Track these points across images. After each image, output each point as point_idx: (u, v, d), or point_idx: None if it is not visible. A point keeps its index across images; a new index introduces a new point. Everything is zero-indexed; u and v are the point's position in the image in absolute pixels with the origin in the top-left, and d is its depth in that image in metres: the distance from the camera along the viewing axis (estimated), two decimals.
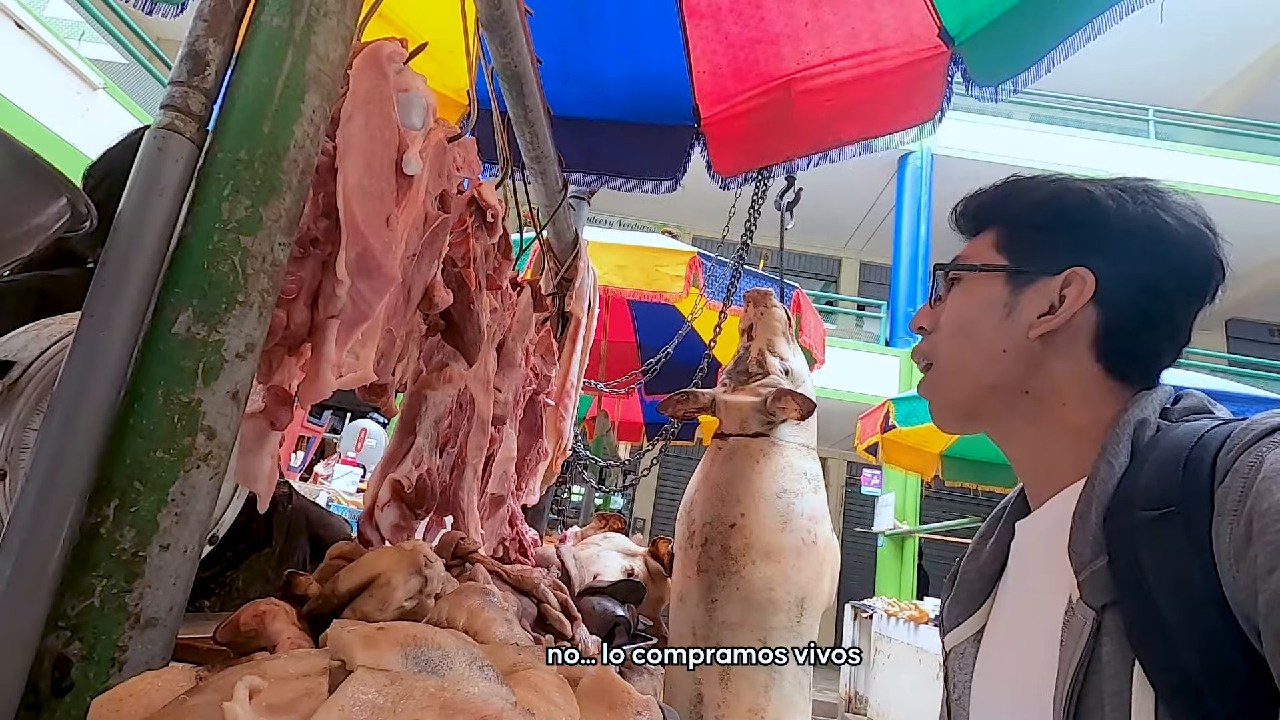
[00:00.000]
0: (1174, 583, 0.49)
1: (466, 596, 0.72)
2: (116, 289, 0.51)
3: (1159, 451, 0.55)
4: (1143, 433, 0.58)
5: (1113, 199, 0.65)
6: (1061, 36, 1.37)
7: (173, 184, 0.54)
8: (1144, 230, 0.63)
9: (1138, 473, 0.55)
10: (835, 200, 11.05)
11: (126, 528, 0.48)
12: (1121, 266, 0.63)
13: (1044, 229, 0.68)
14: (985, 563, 0.72)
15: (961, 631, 0.72)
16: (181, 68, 0.56)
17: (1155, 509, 0.51)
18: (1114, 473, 0.56)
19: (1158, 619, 0.49)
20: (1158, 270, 0.63)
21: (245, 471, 0.68)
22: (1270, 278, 10.78)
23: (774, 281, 2.36)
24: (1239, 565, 0.46)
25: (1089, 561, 0.55)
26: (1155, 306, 0.63)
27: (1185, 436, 0.54)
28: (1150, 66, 10.75)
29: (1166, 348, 0.64)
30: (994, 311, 0.68)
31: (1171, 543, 0.50)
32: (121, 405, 0.50)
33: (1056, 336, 0.64)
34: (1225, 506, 0.48)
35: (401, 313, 0.87)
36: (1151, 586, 0.50)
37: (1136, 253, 0.63)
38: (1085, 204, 0.66)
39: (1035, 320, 0.65)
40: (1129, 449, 0.57)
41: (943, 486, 6.85)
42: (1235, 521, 0.46)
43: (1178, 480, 0.51)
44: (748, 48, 1.80)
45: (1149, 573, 0.50)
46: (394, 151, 0.73)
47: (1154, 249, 0.63)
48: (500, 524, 1.36)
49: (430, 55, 0.91)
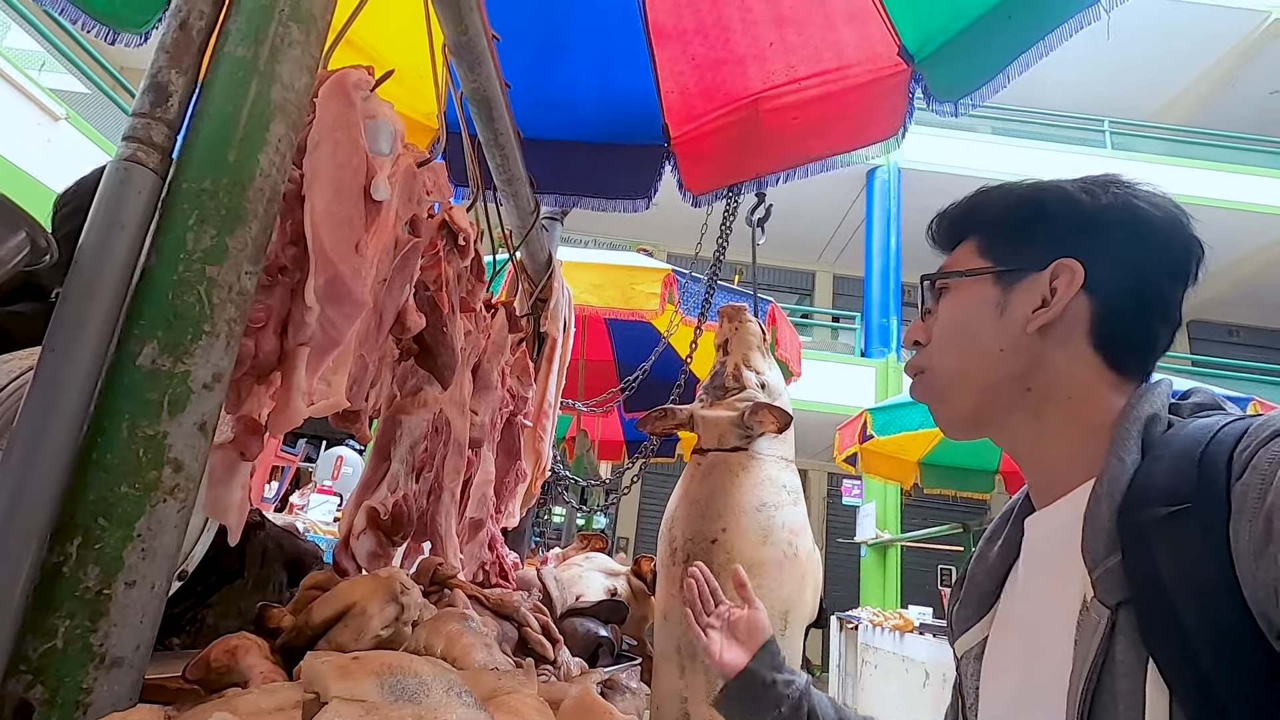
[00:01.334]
0: (1190, 580, 0.48)
1: (444, 622, 0.71)
2: (78, 323, 0.50)
3: (1173, 447, 0.55)
4: (1154, 428, 0.58)
5: (1086, 192, 0.67)
6: (1016, 53, 1.41)
7: (136, 215, 0.53)
8: (1122, 217, 0.65)
9: (1151, 469, 0.55)
10: (807, 215, 11.22)
11: (90, 565, 0.47)
12: (1106, 253, 0.64)
13: (1024, 227, 0.69)
14: (993, 565, 0.71)
15: (972, 636, 0.71)
16: (144, 99, 0.56)
17: (1170, 505, 0.51)
18: (1126, 469, 0.56)
19: (1173, 617, 0.49)
20: (1140, 253, 0.64)
21: (215, 503, 0.67)
22: (1229, 281, 11.14)
23: (748, 296, 2.38)
24: (1259, 563, 0.45)
25: (1103, 559, 0.54)
26: (1143, 290, 0.64)
27: (1200, 432, 0.54)
28: (1105, 79, 11.13)
29: (1161, 333, 0.65)
30: (988, 312, 0.69)
31: (1187, 540, 0.49)
32: (84, 440, 0.49)
33: (1053, 329, 0.65)
34: (1244, 504, 0.47)
35: (374, 338, 0.87)
36: (1166, 584, 0.49)
37: (1118, 239, 0.65)
38: (1060, 199, 0.68)
39: (1030, 315, 0.66)
40: (1140, 444, 0.57)
41: (922, 494, 6.90)
42: (1255, 519, 0.46)
43: (1193, 476, 0.51)
44: (714, 68, 1.84)
45: (1164, 570, 0.50)
46: (362, 178, 0.73)
47: (1134, 233, 0.64)
48: (480, 548, 1.34)
49: (398, 80, 0.91)
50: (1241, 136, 11.05)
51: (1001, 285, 0.68)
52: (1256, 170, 10.28)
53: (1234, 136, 11.03)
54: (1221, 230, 9.89)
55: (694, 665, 1.32)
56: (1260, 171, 10.26)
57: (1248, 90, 11.18)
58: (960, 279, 0.72)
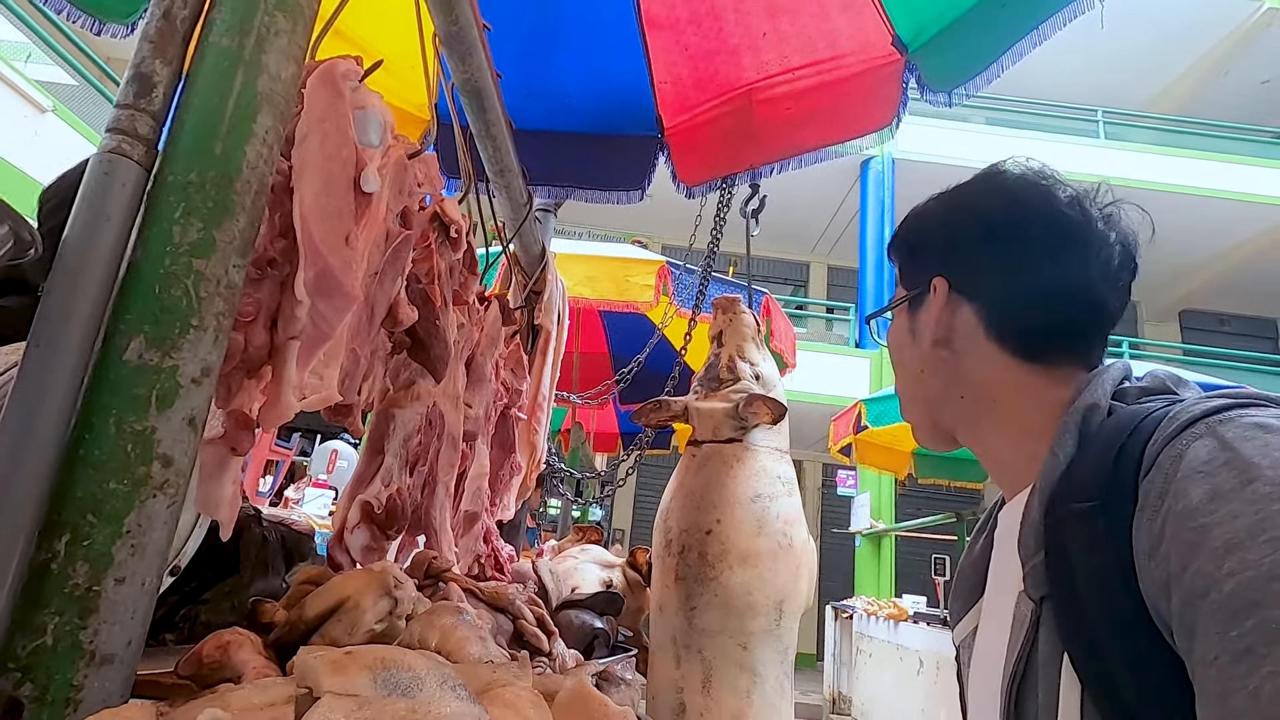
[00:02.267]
0: (1095, 575, 0.50)
1: (439, 616, 0.71)
2: (64, 317, 0.49)
3: (1100, 440, 0.55)
4: (1092, 418, 0.58)
5: (938, 202, 0.72)
6: (1010, 43, 1.41)
7: (121, 208, 0.52)
8: (965, 219, 0.69)
9: (1081, 463, 0.55)
10: (801, 206, 11.21)
11: (79, 562, 0.46)
12: (966, 256, 0.68)
13: (909, 256, 0.75)
14: (978, 557, 0.73)
15: (963, 627, 0.74)
16: (128, 90, 0.55)
17: (1086, 501, 0.52)
18: (1058, 464, 0.57)
19: (1081, 611, 0.50)
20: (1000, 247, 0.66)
21: (206, 499, 0.66)
22: (1219, 269, 11.19)
23: (743, 287, 2.38)
24: (1153, 560, 0.46)
25: (1032, 554, 0.56)
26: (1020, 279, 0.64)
27: (1124, 423, 0.54)
28: (1098, 69, 11.14)
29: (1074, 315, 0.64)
30: (906, 339, 0.74)
31: (1095, 536, 0.50)
32: (72, 436, 0.49)
33: (951, 341, 0.68)
34: (1147, 500, 0.48)
35: (365, 331, 0.86)
36: (1077, 579, 0.51)
37: (970, 238, 0.68)
38: (923, 216, 0.73)
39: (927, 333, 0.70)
40: (1076, 438, 0.57)
41: (916, 484, 6.95)
42: (1154, 518, 0.47)
43: (1108, 472, 0.52)
44: (708, 58, 1.82)
45: (1075, 566, 0.51)
46: (352, 169, 0.72)
47: (986, 231, 0.67)
48: (475, 541, 1.34)
49: (388, 71, 0.90)
50: (1233, 126, 11.08)
51: (910, 312, 0.73)
52: (1248, 159, 10.31)
53: (1226, 126, 11.06)
54: (1213, 219, 9.93)
55: (690, 655, 1.32)
56: (1252, 160, 10.29)
57: (1240, 80, 11.21)
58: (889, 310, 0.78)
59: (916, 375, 0.73)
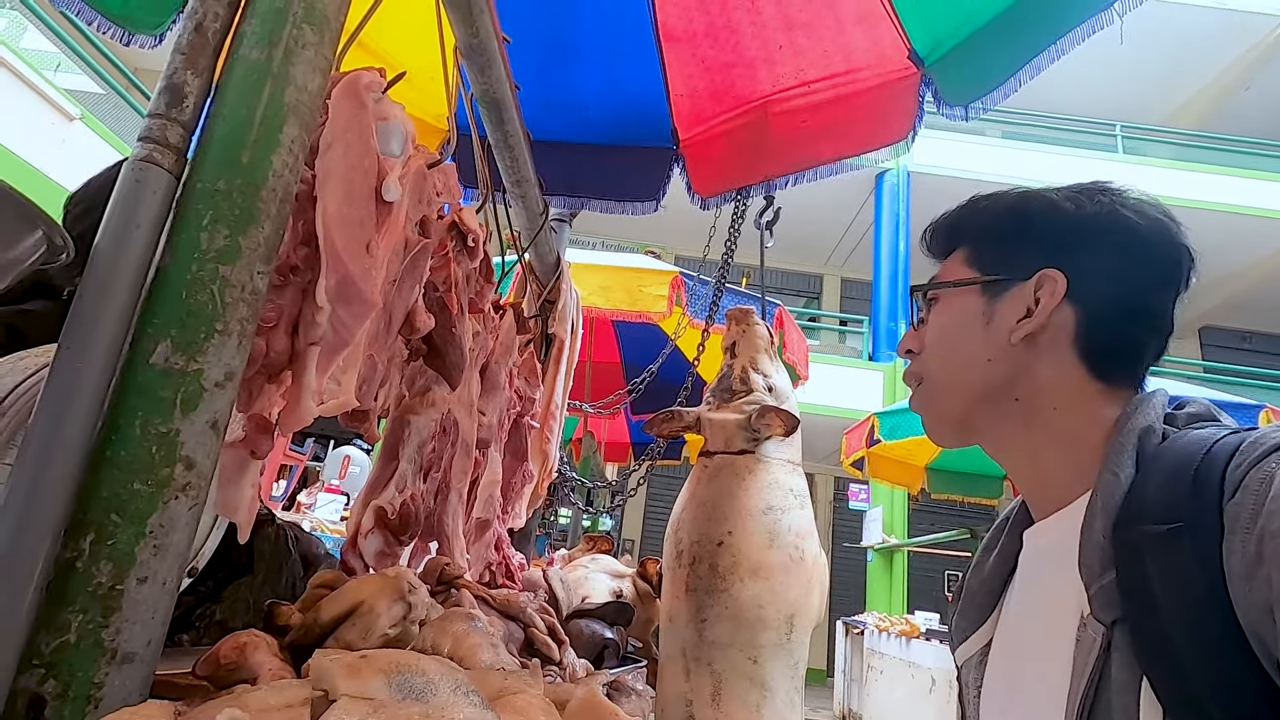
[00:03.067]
0: (1182, 599, 0.48)
1: (451, 622, 0.71)
2: (93, 321, 0.50)
3: (1166, 462, 0.54)
4: (1148, 441, 0.58)
5: (1070, 201, 0.67)
6: (1027, 57, 1.41)
7: (151, 215, 0.54)
8: (1105, 225, 0.65)
9: (1145, 484, 0.54)
10: (815, 218, 11.20)
11: (103, 561, 0.47)
12: (1089, 262, 0.65)
13: (1010, 238, 0.70)
14: (989, 575, 0.72)
15: (970, 645, 0.72)
16: (160, 100, 0.57)
17: (1164, 523, 0.51)
18: (1120, 484, 0.56)
19: (1166, 636, 0.49)
20: (1125, 262, 0.64)
21: (225, 501, 0.67)
22: (1239, 285, 11.04)
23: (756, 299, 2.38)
24: (1251, 584, 0.45)
25: (1098, 575, 0.54)
26: (1129, 299, 0.64)
27: (1193, 447, 0.54)
28: (1117, 83, 11.08)
29: (1148, 342, 0.65)
30: (974, 322, 0.69)
31: (1180, 559, 0.49)
32: (98, 437, 0.50)
33: (1038, 338, 0.65)
34: (1236, 524, 0.47)
35: (383, 338, 0.87)
36: (1159, 603, 0.49)
37: (1101, 247, 0.65)
38: (1045, 209, 0.68)
39: (1014, 325, 0.66)
40: (1134, 459, 0.57)
41: (929, 499, 6.88)
42: (1247, 540, 0.46)
43: (1187, 494, 0.51)
44: (724, 71, 1.84)
45: (1157, 589, 0.50)
46: (373, 179, 0.73)
47: (1117, 241, 0.65)
48: (486, 548, 1.35)
49: (409, 82, 0.92)
50: (1254, 141, 10.96)
51: (988, 295, 0.69)
52: (1269, 175, 10.20)
53: (1247, 141, 10.95)
54: (1233, 235, 9.81)
55: (699, 668, 1.32)
56: (1273, 176, 10.18)
57: (1261, 95, 11.10)
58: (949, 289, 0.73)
59: (978, 362, 0.68)
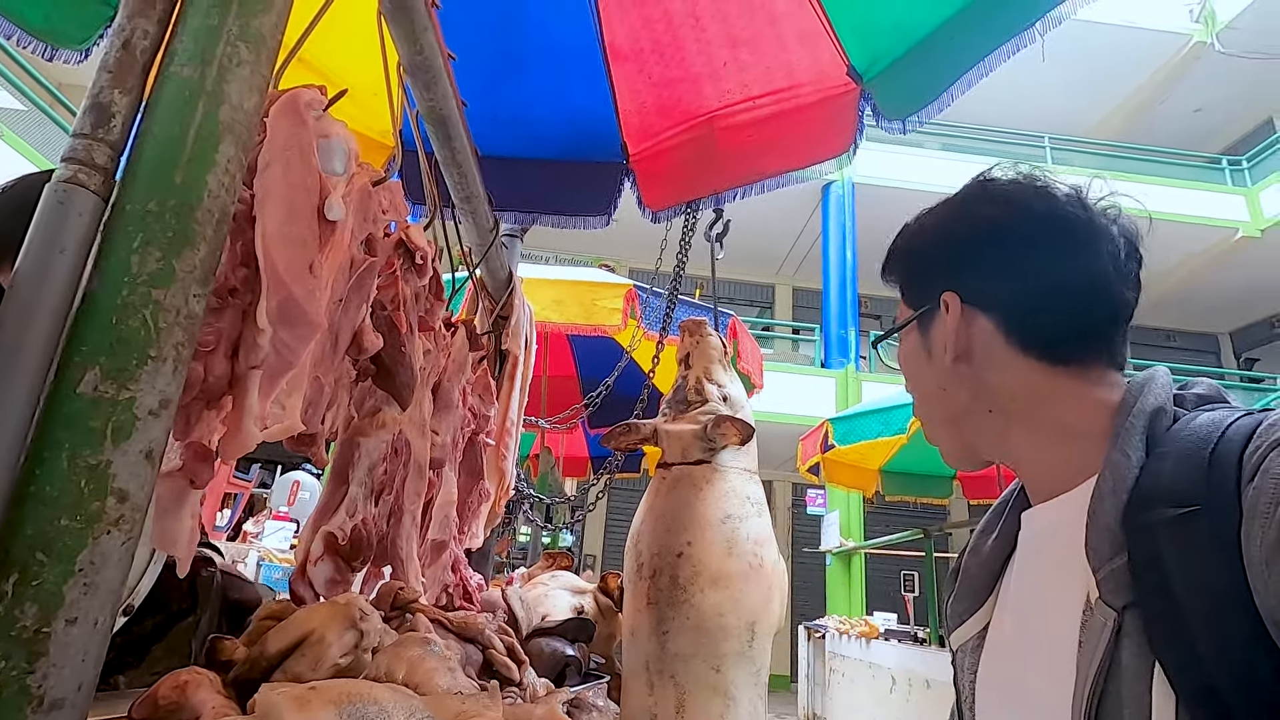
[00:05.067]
0: (1198, 584, 0.48)
1: (406, 648, 0.70)
2: (14, 350, 0.48)
3: (1179, 444, 0.53)
4: (1159, 422, 0.57)
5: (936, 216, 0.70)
6: (959, 73, 1.47)
7: (76, 238, 0.52)
8: (971, 228, 0.68)
9: (1158, 467, 0.54)
10: (765, 229, 11.43)
11: (28, 603, 0.45)
12: (975, 268, 0.67)
13: (911, 274, 0.73)
14: (988, 558, 0.71)
15: (967, 629, 0.71)
16: (85, 119, 0.55)
17: (1179, 507, 0.50)
18: (1131, 466, 0.55)
19: (1181, 622, 0.48)
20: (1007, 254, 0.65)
21: (163, 534, 0.64)
22: (1162, 287, 11.70)
23: (709, 310, 2.41)
24: (1270, 571, 0.44)
25: (1107, 559, 0.53)
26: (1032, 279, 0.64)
27: (1207, 428, 0.53)
28: (1044, 98, 11.69)
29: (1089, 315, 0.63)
30: (920, 359, 0.71)
31: (1196, 542, 0.48)
32: (22, 471, 0.47)
33: (970, 354, 0.66)
34: (1256, 508, 0.46)
35: (329, 359, 0.85)
36: (1175, 588, 0.48)
37: (978, 251, 0.67)
38: (921, 236, 0.72)
39: (943, 350, 0.68)
40: (1144, 441, 0.56)
41: (883, 502, 7.03)
42: (1267, 526, 0.45)
43: (1202, 477, 0.50)
44: (670, 86, 1.87)
45: (1173, 574, 0.49)
46: (315, 197, 0.72)
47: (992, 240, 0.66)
48: (442, 570, 1.32)
49: (353, 99, 0.91)
50: (1169, 151, 11.70)
51: (920, 330, 0.71)
52: (1184, 183, 10.88)
53: (1162, 151, 11.67)
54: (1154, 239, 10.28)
55: (663, 680, 1.31)
56: (1187, 184, 10.86)
57: (1174, 108, 11.86)
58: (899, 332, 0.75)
59: (937, 394, 0.70)
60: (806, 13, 1.60)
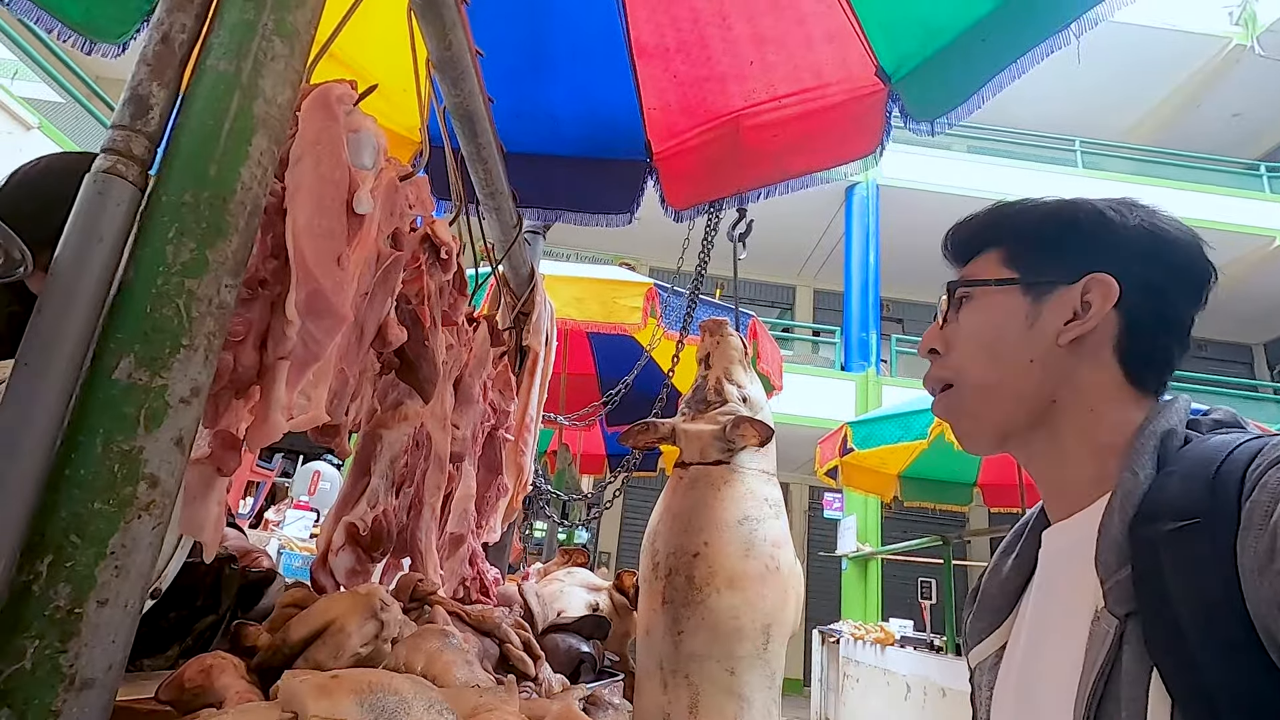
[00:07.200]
0: (1194, 592, 0.49)
1: (425, 639, 0.70)
2: (53, 336, 0.49)
3: (1188, 463, 0.56)
4: (1170, 443, 0.59)
5: (1114, 211, 0.68)
6: (989, 75, 1.45)
7: (114, 228, 0.53)
8: (1148, 238, 0.67)
9: (1165, 483, 0.56)
10: (788, 230, 11.35)
11: (61, 584, 0.46)
12: (1134, 271, 0.66)
13: (1055, 241, 0.69)
14: (1007, 578, 0.72)
15: (985, 647, 0.72)
16: (124, 111, 0.56)
17: (1180, 520, 0.52)
18: (1140, 483, 0.57)
19: (1177, 628, 0.50)
20: (1163, 273, 0.66)
21: (191, 520, 0.66)
22: None
23: (730, 310, 2.40)
24: (1263, 579, 0.46)
25: (1114, 571, 0.55)
26: (1165, 308, 0.66)
27: (1215, 449, 0.55)
28: (1076, 101, 11.46)
29: (1177, 351, 0.67)
30: (1017, 323, 0.68)
31: (1194, 553, 0.50)
32: (58, 456, 0.48)
33: (1083, 342, 0.66)
34: (1252, 520, 0.48)
35: (354, 352, 0.86)
36: (1172, 596, 0.50)
37: (1145, 258, 0.66)
38: (1093, 215, 0.69)
39: (1061, 327, 0.66)
40: (1154, 460, 0.58)
41: (902, 507, 6.96)
42: (1261, 535, 0.47)
43: (1205, 492, 0.52)
44: (696, 85, 1.86)
45: (1170, 582, 0.51)
46: (344, 191, 0.73)
47: (1158, 253, 0.66)
48: (460, 563, 1.33)
49: (382, 94, 0.92)
50: (1205, 156, 11.41)
51: (1031, 296, 0.68)
52: (1219, 189, 10.61)
53: (1197, 156, 11.39)
54: None
55: (676, 680, 1.31)
56: (1223, 191, 10.59)
57: (1211, 112, 11.57)
58: (985, 288, 0.71)
59: (1020, 364, 0.68)
60: (835, 12, 1.58)
